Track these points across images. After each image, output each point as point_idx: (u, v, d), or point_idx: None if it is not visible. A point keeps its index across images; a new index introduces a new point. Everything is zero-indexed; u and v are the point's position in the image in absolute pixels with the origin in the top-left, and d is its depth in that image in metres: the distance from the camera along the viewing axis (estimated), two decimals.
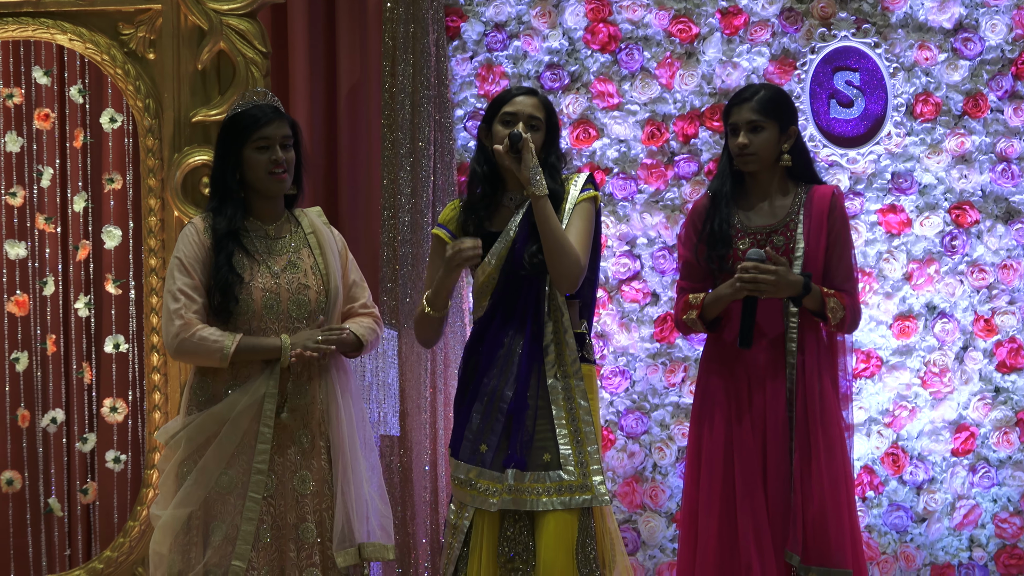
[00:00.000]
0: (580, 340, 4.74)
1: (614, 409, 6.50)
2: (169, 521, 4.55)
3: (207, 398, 4.60)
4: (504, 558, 4.60)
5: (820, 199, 5.06)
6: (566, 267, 4.61)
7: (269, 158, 4.60)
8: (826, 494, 4.95)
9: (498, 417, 4.64)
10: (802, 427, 4.98)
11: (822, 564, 4.94)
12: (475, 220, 4.77)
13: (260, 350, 4.55)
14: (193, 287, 4.57)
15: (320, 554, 4.62)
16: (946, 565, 6.42)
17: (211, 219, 4.64)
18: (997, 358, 6.44)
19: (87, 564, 6.03)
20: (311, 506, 4.62)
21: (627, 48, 6.54)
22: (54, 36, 5.92)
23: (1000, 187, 6.45)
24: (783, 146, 5.07)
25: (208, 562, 4.52)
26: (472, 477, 4.64)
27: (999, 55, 6.46)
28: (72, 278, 6.42)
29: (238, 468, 4.55)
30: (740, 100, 5.08)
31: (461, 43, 6.59)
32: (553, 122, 4.80)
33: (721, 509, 5.03)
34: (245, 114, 4.63)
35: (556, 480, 4.59)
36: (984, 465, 6.42)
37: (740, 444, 5.02)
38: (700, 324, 5.07)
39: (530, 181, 4.60)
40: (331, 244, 4.77)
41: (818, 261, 5.02)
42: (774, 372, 5.01)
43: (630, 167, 6.54)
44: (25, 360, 6.35)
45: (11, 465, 6.38)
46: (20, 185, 6.37)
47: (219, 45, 5.86)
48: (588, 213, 4.72)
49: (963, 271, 6.45)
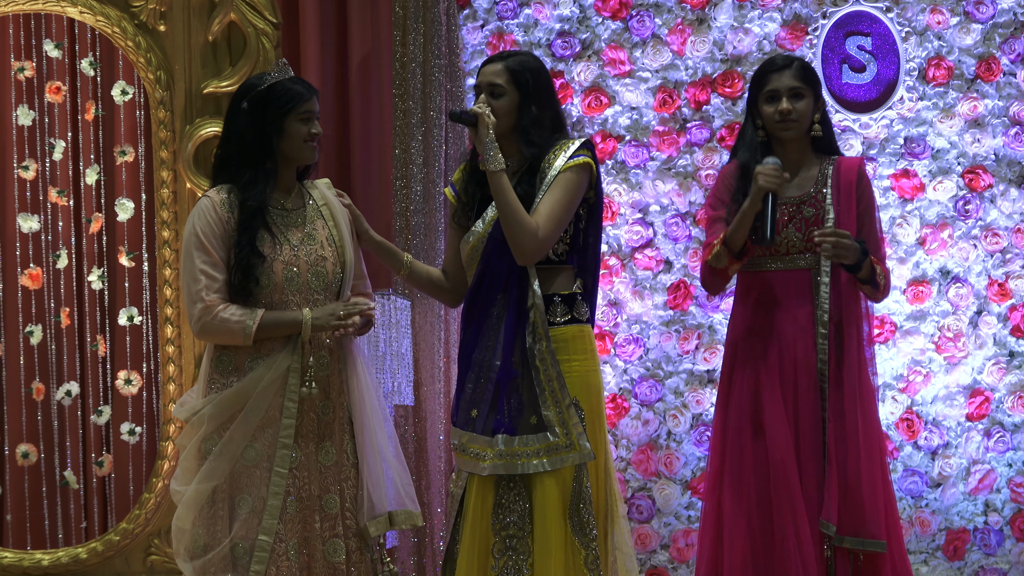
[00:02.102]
0: (570, 301, 4.75)
1: (628, 377, 6.51)
2: (193, 496, 4.55)
3: (230, 369, 4.59)
4: (500, 524, 4.66)
5: (848, 170, 5.03)
6: (518, 240, 4.64)
7: (309, 130, 4.62)
8: (861, 464, 4.92)
9: (487, 387, 4.70)
10: (835, 396, 4.95)
11: (856, 535, 4.91)
12: (475, 183, 4.84)
13: (282, 325, 4.55)
14: (212, 264, 4.55)
15: (342, 524, 4.63)
16: (961, 530, 6.43)
17: (237, 193, 4.60)
18: (1011, 322, 6.44)
19: (103, 536, 6.04)
20: (333, 477, 4.63)
21: (638, 15, 6.52)
22: (64, 9, 5.90)
23: (1013, 151, 6.44)
24: (815, 116, 5.05)
25: (235, 535, 4.52)
26: (464, 442, 4.72)
27: (1011, 18, 6.44)
28: (85, 251, 6.42)
29: (264, 441, 4.55)
30: (777, 67, 5.02)
31: (472, 12, 6.58)
32: (526, 85, 4.74)
33: (751, 480, 4.99)
34: (286, 86, 4.62)
35: (544, 441, 4.65)
36: (999, 429, 6.42)
37: (771, 413, 4.98)
38: (726, 254, 4.96)
39: (482, 156, 4.66)
40: (343, 215, 4.77)
41: (849, 232, 4.99)
42: (805, 341, 4.98)
43: (642, 134, 6.53)
44: (39, 333, 6.36)
45: (27, 438, 6.40)
46: (32, 158, 6.38)
47: (230, 16, 5.84)
48: (568, 183, 4.70)
49: (977, 235, 6.45)
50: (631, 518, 6.49)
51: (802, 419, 4.97)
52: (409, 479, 4.77)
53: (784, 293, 5.00)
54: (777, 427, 4.96)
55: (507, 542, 4.66)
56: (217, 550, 4.52)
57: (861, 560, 4.94)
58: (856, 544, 4.92)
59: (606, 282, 6.49)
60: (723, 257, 4.97)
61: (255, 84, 4.66)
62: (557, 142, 4.75)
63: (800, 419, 4.97)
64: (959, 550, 6.41)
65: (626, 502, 6.48)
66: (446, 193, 4.96)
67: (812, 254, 4.96)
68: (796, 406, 4.98)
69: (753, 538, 4.97)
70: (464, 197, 4.87)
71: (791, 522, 4.91)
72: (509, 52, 4.86)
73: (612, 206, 6.51)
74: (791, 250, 4.99)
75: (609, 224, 6.51)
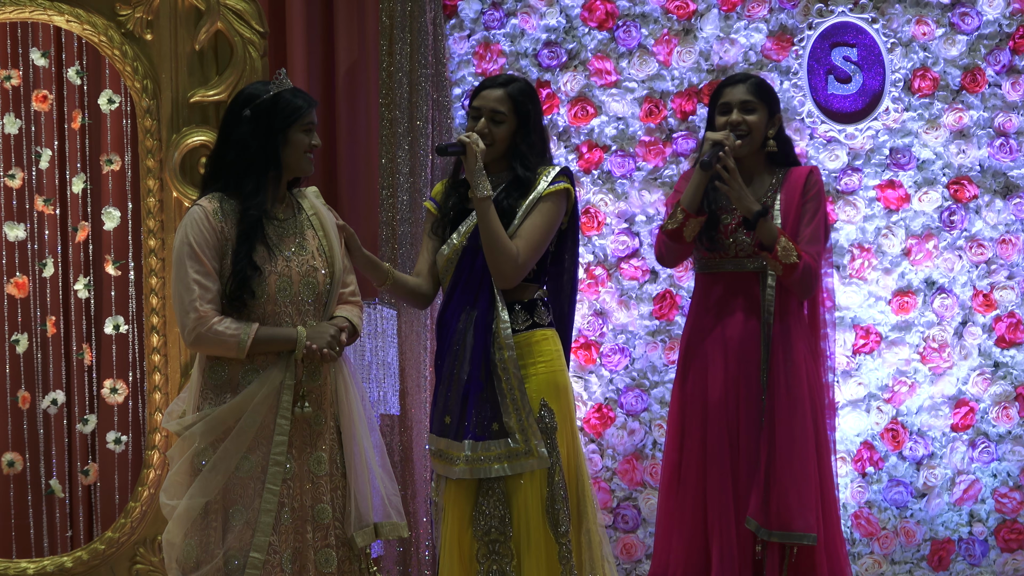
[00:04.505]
0: (530, 307, 4.91)
1: (614, 387, 6.51)
2: (184, 512, 4.53)
3: (222, 381, 4.58)
4: (481, 531, 4.81)
5: (796, 178, 5.19)
6: (499, 265, 4.81)
7: (311, 142, 4.64)
8: (794, 459, 5.02)
9: (456, 396, 4.86)
10: (774, 395, 5.07)
11: (783, 529, 5.00)
12: (456, 197, 4.99)
13: (276, 341, 4.53)
14: (205, 274, 4.52)
15: (333, 534, 4.63)
16: (946, 540, 6.44)
17: (229, 202, 4.59)
18: (996, 333, 6.45)
19: (89, 545, 6.04)
20: (326, 486, 4.63)
21: (624, 25, 6.54)
22: (51, 17, 5.90)
23: (998, 162, 6.45)
24: (769, 131, 5.19)
25: (228, 548, 4.51)
26: (442, 448, 4.89)
27: (996, 29, 6.46)
28: (72, 260, 6.41)
29: (258, 455, 4.54)
30: (732, 82, 5.21)
31: (458, 21, 6.59)
32: (524, 112, 4.92)
33: (696, 478, 5.14)
34: (289, 98, 4.62)
35: (505, 447, 4.81)
36: (984, 440, 6.43)
37: (714, 414, 5.12)
38: (681, 211, 5.09)
39: (471, 183, 4.80)
40: (332, 224, 4.77)
41: (793, 236, 5.11)
42: (750, 340, 5.12)
43: (628, 144, 6.54)
44: (25, 342, 6.36)
45: (12, 447, 6.39)
46: (19, 167, 6.37)
47: (216, 25, 5.85)
48: (547, 211, 4.88)
49: (962, 246, 6.46)
50: (617, 527, 6.50)
51: (743, 418, 5.11)
52: (395, 489, 4.78)
53: (733, 295, 5.16)
54: (715, 429, 5.11)
55: (490, 547, 4.81)
56: (211, 564, 4.51)
57: (795, 554, 5.01)
58: (784, 538, 5.01)
59: (592, 292, 6.49)
60: (677, 215, 5.10)
61: (258, 93, 4.63)
62: (542, 166, 4.94)
63: (742, 418, 5.11)
64: (944, 560, 6.42)
65: (612, 512, 6.49)
66: (426, 206, 5.08)
67: (760, 258, 5.10)
68: (738, 405, 5.13)
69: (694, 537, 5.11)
70: (444, 210, 5.02)
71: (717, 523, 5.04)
72: (508, 77, 5.02)
73: (598, 216, 6.52)
74: (740, 253, 5.15)
75: (595, 234, 6.52)
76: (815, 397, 5.13)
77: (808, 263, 5.06)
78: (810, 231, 5.12)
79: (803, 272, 5.05)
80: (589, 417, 6.50)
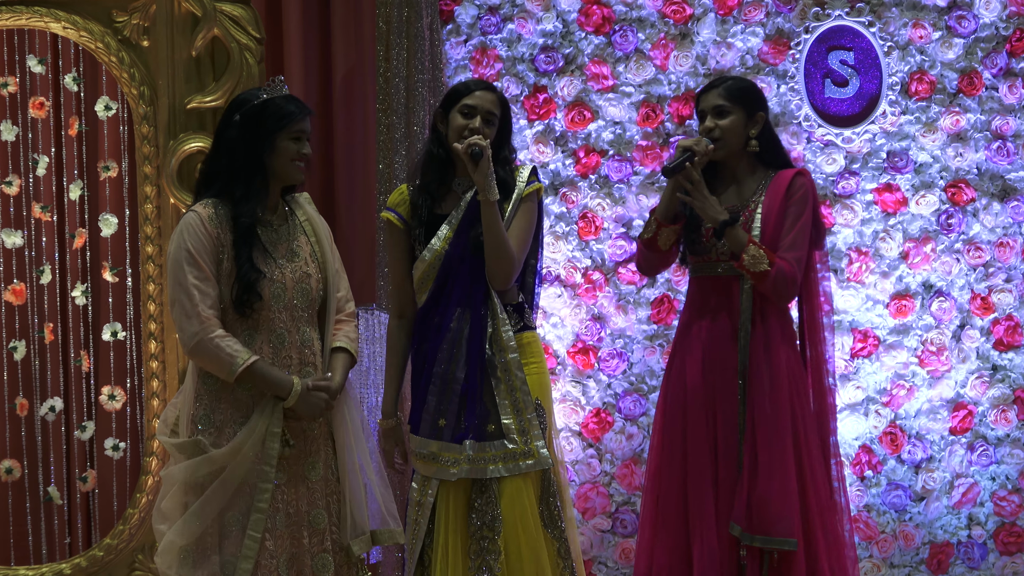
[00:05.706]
0: (519, 310, 5.04)
1: (612, 391, 6.51)
2: (167, 546, 4.53)
3: (217, 387, 4.56)
4: (474, 527, 4.88)
5: (781, 180, 5.17)
6: (502, 267, 4.92)
7: (299, 150, 4.62)
8: (774, 465, 5.03)
9: (452, 398, 4.92)
10: (752, 400, 5.08)
11: (764, 533, 5.01)
12: (427, 202, 5.07)
13: (269, 384, 4.52)
14: (204, 279, 4.52)
15: (330, 539, 4.63)
16: (945, 543, 6.43)
17: (224, 207, 4.58)
18: (994, 336, 6.45)
19: (87, 552, 6.04)
20: (321, 492, 4.63)
21: (621, 30, 6.53)
22: (48, 24, 5.90)
23: (996, 165, 6.45)
24: (750, 132, 5.19)
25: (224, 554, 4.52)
26: (435, 450, 4.93)
27: (993, 32, 6.46)
28: (69, 266, 6.41)
29: (242, 504, 4.52)
30: (707, 88, 5.25)
31: (455, 26, 6.59)
32: (507, 117, 5.11)
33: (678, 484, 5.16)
34: (280, 104, 4.61)
35: (502, 448, 4.89)
36: (982, 443, 6.43)
37: (693, 417, 5.15)
38: (654, 220, 5.18)
39: (484, 187, 4.88)
40: (325, 230, 4.77)
41: (775, 239, 5.12)
42: (727, 346, 5.13)
43: (625, 149, 6.54)
44: (23, 349, 6.35)
45: (10, 454, 6.38)
46: (16, 174, 6.37)
47: (213, 32, 5.85)
48: (530, 211, 5.03)
49: (959, 249, 6.46)
50: (615, 532, 6.49)
51: (720, 423, 5.12)
52: (391, 496, 4.79)
53: (713, 299, 5.20)
54: (694, 432, 5.14)
55: (481, 543, 4.88)
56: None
57: (776, 559, 5.02)
58: (765, 543, 5.02)
59: (590, 296, 6.49)
60: (651, 224, 5.18)
61: (249, 99, 4.64)
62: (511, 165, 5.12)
63: (719, 421, 5.13)
64: (943, 564, 6.41)
65: (610, 516, 6.49)
66: (387, 218, 5.12)
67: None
68: (716, 409, 5.14)
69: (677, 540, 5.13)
70: (411, 220, 5.08)
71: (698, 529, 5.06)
72: (489, 83, 5.21)
73: (596, 220, 6.51)
74: (721, 257, 5.17)
75: (592, 238, 6.52)
76: (796, 403, 5.12)
77: (783, 269, 5.04)
78: (791, 237, 5.10)
79: (775, 279, 5.04)
80: (587, 422, 6.50)
